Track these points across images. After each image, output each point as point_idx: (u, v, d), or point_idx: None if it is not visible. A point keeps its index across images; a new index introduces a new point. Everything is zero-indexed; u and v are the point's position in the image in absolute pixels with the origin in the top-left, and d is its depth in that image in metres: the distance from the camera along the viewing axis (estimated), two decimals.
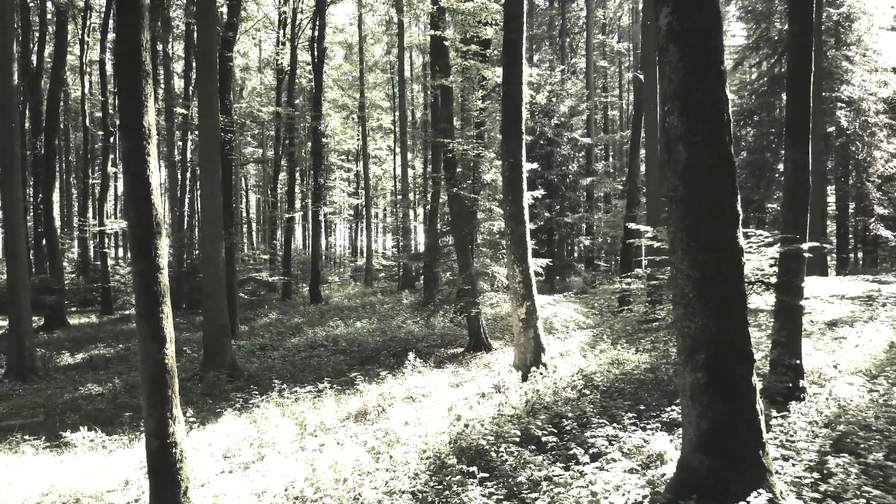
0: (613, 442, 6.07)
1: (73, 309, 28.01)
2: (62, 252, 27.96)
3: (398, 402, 8.96)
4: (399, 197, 45.55)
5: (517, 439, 6.27)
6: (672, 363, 10.50)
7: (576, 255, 34.45)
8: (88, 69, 35.52)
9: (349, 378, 11.00)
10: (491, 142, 14.45)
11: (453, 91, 14.78)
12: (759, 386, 4.81)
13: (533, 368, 9.73)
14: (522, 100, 10.75)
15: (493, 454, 6.03)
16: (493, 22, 14.77)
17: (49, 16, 29.32)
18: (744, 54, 24.28)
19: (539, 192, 14.22)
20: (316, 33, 29.24)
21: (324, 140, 40.20)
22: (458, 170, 14.13)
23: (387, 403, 8.89)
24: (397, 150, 48.11)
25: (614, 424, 6.57)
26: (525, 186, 10.65)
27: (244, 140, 40.44)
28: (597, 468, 5.12)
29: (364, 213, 44.31)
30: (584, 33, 38.89)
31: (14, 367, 13.37)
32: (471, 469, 5.67)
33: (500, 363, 11.96)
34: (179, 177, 31.29)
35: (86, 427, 7.61)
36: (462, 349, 13.86)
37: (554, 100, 27.22)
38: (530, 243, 10.66)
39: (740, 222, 4.78)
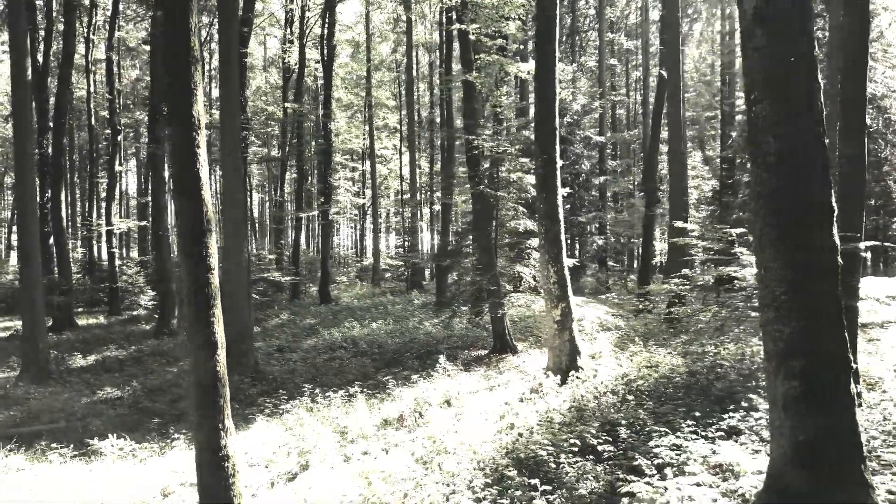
0: (679, 452, 5.74)
1: (80, 309, 27.66)
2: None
3: (434, 407, 8.63)
4: (407, 196, 45.20)
5: (576, 449, 5.95)
6: (708, 366, 10.19)
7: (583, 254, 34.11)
8: (93, 68, 35.21)
9: (377, 381, 10.68)
10: (515, 139, 14.12)
11: (475, 87, 14.43)
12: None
13: (572, 372, 9.41)
14: (556, 94, 10.43)
15: (553, 464, 5.72)
16: (517, 17, 14.47)
17: (54, 14, 28.99)
18: None
19: (566, 191, 13.88)
20: (325, 31, 28.88)
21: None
22: (482, 167, 13.81)
23: (423, 408, 8.56)
24: (403, 149, 47.76)
25: (677, 434, 6.24)
26: (559, 183, 10.33)
27: (250, 139, 40.11)
28: (677, 486, 4.78)
29: (370, 213, 44.00)
30: (592, 31, 38.61)
31: (29, 370, 13.04)
32: (532, 481, 5.35)
33: (529, 366, 11.63)
34: None
35: (114, 435, 7.28)
36: (486, 351, 13.53)
37: (568, 98, 26.91)
38: (565, 242, 10.33)
39: (835, 218, 4.47)
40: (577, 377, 9.46)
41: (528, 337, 14.64)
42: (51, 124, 23.49)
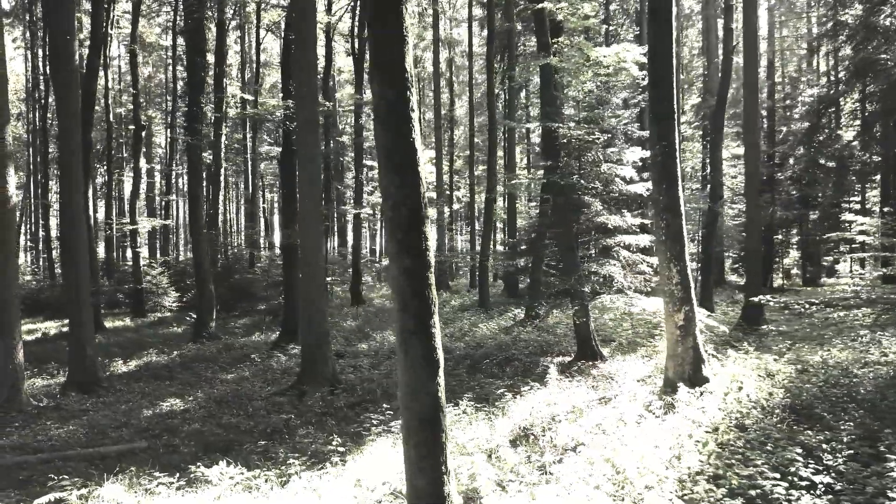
0: None
1: (101, 311, 26.66)
2: None
3: (564, 423, 7.64)
4: (434, 195, 44.18)
5: (807, 482, 4.96)
6: (842, 375, 9.23)
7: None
8: (110, 63, 34.18)
9: (477, 392, 9.68)
10: (599, 129, 13.15)
11: (553, 72, 13.45)
12: None
13: (705, 385, 8.43)
14: (673, 75, 9.45)
15: (784, 501, 4.74)
16: None
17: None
18: (819, 41, 23.01)
19: (641, 186, 12.85)
20: (356, 22, 27.87)
21: (344, 138, 38.88)
22: (564, 158, 12.83)
23: (551, 424, 7.59)
24: (423, 146, 46.74)
25: None
26: (680, 173, 9.34)
27: (260, 137, 39.20)
28: None
29: None
30: (622, 25, 37.67)
31: (76, 378, 12.05)
32: None
33: (630, 374, 10.65)
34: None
35: (207, 457, 6.31)
36: (569, 357, 12.55)
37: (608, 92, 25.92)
38: (687, 238, 9.36)
39: None
40: (709, 390, 8.50)
41: (609, 343, 13.65)
42: None
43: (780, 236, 28.96)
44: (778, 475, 4.99)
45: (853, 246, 28.72)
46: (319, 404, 9.33)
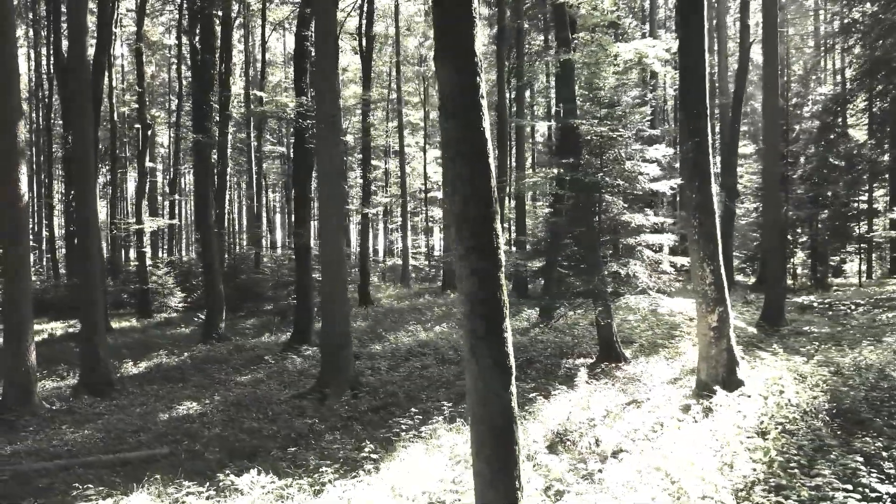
0: None
1: (107, 312, 26.40)
2: None
3: (600, 427, 7.39)
4: (433, 194, 44.04)
5: (876, 494, 4.71)
6: (879, 376, 9.00)
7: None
8: (113, 62, 34.00)
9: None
10: (620, 125, 12.90)
11: (573, 68, 13.22)
12: None
13: (741, 388, 8.19)
14: (706, 69, 9.20)
15: None
16: None
17: None
18: (833, 40, 22.76)
19: (671, 183, 12.61)
20: (363, 20, 27.61)
21: (348, 136, 38.65)
22: (585, 156, 12.59)
23: (586, 428, 7.34)
24: (427, 146, 46.51)
25: None
26: (713, 171, 9.09)
27: (263, 137, 38.99)
28: None
29: (400, 212, 42.71)
30: (630, 24, 37.46)
31: (88, 380, 11.79)
32: None
33: (656, 376, 10.39)
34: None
35: (255, 470, 6.03)
36: (592, 359, 12.29)
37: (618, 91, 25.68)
38: (719, 238, 9.12)
39: None
40: (745, 393, 8.26)
41: (630, 344, 13.40)
42: None
43: (789, 236, 28.75)
44: (850, 486, 4.74)
45: (861, 246, 28.48)
46: (344, 408, 9.07)
